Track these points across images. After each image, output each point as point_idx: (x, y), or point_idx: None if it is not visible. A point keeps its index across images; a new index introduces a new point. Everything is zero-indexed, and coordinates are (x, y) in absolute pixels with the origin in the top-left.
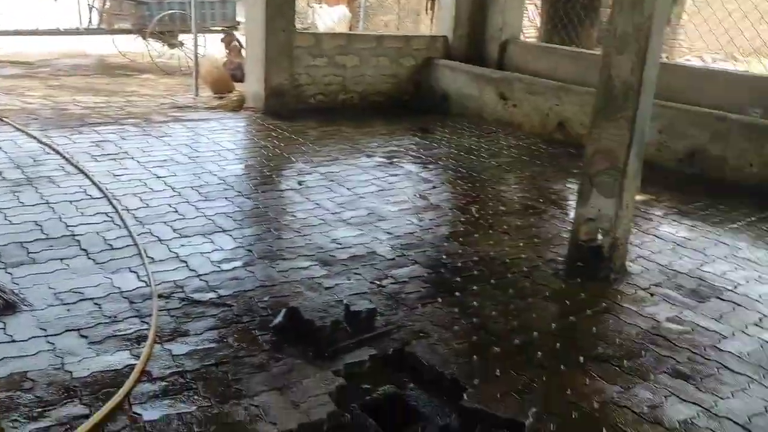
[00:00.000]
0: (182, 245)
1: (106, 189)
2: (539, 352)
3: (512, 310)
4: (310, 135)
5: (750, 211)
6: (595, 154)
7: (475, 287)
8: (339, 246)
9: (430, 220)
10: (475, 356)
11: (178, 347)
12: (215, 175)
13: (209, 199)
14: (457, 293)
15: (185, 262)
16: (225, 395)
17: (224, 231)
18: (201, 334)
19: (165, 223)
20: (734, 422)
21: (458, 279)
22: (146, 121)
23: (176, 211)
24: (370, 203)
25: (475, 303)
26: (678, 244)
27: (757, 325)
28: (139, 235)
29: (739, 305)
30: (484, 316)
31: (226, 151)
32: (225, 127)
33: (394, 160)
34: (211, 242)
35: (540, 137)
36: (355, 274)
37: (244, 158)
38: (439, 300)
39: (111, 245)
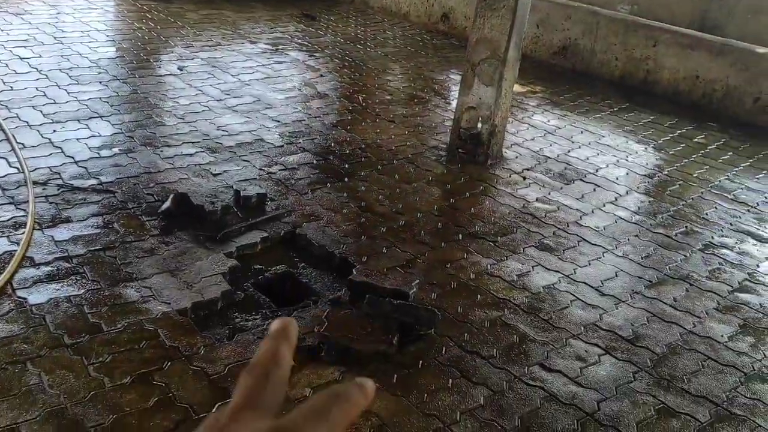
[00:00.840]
0: (55, 131)
1: None
2: (422, 231)
3: (398, 194)
4: (189, 18)
5: (613, 101)
6: (478, 42)
7: (362, 173)
8: (225, 133)
9: (318, 108)
10: (363, 236)
11: (61, 233)
12: (86, 57)
13: (81, 82)
14: (345, 179)
15: (60, 148)
16: (115, 278)
17: (101, 116)
18: (84, 220)
19: (33, 107)
20: (589, 285)
21: (346, 165)
22: None
23: (45, 95)
24: (255, 90)
25: (362, 187)
26: (549, 132)
27: (613, 203)
28: (4, 119)
29: (599, 186)
30: (372, 200)
31: (95, 32)
32: (92, 6)
33: (280, 47)
34: (88, 128)
35: (425, 28)
36: (244, 160)
37: (118, 40)
38: (328, 185)
39: None
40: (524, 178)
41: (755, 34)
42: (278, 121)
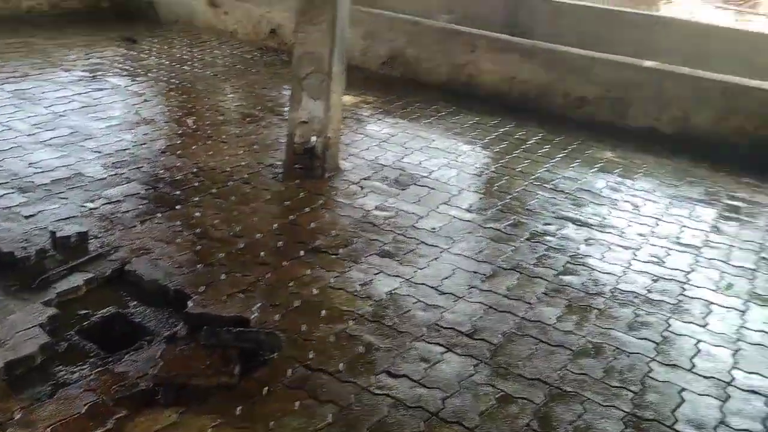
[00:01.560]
0: None
1: None
2: (262, 252)
3: (235, 216)
4: None
5: (441, 106)
6: (302, 57)
7: (196, 198)
8: (39, 170)
9: (144, 134)
10: (199, 265)
11: None
12: None
13: None
14: (178, 206)
15: None
16: None
17: None
18: None
19: None
20: (429, 286)
21: (178, 192)
22: None
23: None
24: (72, 121)
25: (197, 214)
26: (383, 140)
27: (446, 203)
28: None
29: (432, 189)
30: (208, 225)
31: None
32: None
33: (98, 73)
34: None
35: (254, 45)
36: (61, 198)
37: None
38: (159, 215)
39: None
40: (362, 188)
41: (559, 35)
42: (100, 152)
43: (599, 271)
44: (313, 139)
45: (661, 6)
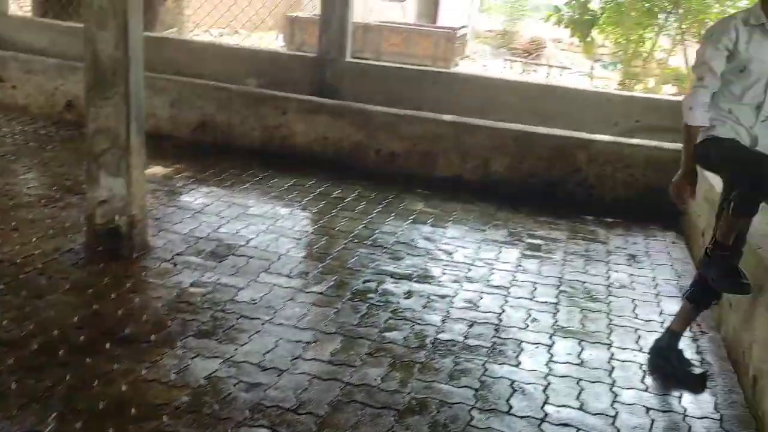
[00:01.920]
0: None
1: None
2: (61, 351)
3: (27, 313)
4: None
5: (256, 171)
6: (96, 133)
7: None
8: None
9: None
10: None
11: None
12: None
13: None
14: None
15: None
16: None
17: None
18: None
19: None
20: (251, 363)
21: None
22: None
23: None
24: None
25: None
26: (197, 211)
27: (266, 271)
28: None
29: (251, 257)
30: None
31: None
32: None
33: None
34: None
35: (49, 119)
36: None
37: None
38: None
39: None
40: (175, 265)
41: (365, 95)
42: None
43: (420, 323)
44: (117, 218)
45: (458, 61)
